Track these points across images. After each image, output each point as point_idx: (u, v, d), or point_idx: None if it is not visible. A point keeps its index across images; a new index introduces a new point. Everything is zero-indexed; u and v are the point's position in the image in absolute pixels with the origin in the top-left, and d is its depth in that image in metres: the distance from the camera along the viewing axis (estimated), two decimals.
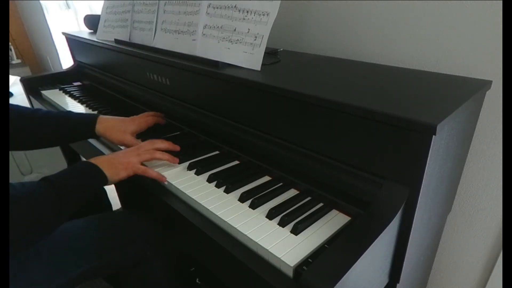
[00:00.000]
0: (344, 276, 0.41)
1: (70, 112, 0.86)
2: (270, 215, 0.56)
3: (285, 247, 0.49)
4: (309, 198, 0.61)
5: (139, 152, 0.71)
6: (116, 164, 0.66)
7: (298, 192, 0.64)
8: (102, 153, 0.84)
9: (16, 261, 0.62)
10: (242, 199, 0.61)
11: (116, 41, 1.07)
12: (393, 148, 0.50)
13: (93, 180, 0.63)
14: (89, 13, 1.66)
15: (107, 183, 0.65)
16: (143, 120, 0.85)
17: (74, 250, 0.68)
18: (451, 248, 0.92)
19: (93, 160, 0.65)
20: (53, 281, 0.64)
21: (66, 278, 0.66)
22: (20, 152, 1.72)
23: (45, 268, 0.64)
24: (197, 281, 1.08)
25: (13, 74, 2.40)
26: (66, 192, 0.58)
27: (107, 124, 0.81)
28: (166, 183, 0.68)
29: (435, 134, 0.44)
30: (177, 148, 0.76)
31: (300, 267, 0.46)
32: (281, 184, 0.66)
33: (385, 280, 0.58)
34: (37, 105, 1.30)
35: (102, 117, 0.82)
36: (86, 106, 1.12)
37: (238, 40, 0.74)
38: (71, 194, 0.58)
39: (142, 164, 0.69)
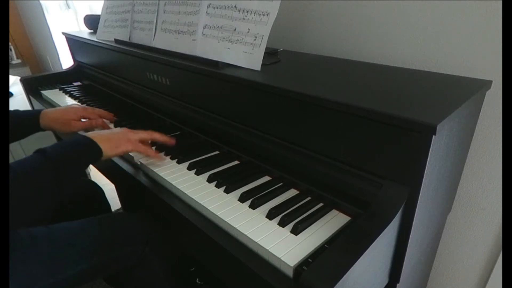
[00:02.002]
0: (344, 276, 0.41)
1: (17, 110, 0.89)
2: (270, 215, 0.56)
3: (285, 247, 0.49)
4: (309, 198, 0.61)
5: (136, 131, 0.73)
6: (114, 139, 0.68)
7: (298, 192, 0.64)
8: None
9: (16, 254, 0.62)
10: (242, 199, 0.61)
11: (116, 41, 1.07)
12: (393, 148, 0.50)
13: (87, 152, 0.64)
14: (89, 13, 1.66)
15: (102, 155, 0.66)
16: (90, 109, 0.90)
17: (74, 248, 0.68)
18: (451, 248, 0.92)
19: (89, 134, 0.66)
20: (52, 276, 0.65)
21: (65, 275, 0.66)
22: (20, 150, 1.72)
23: (45, 262, 0.65)
24: (197, 281, 1.08)
25: (13, 74, 2.40)
26: (62, 164, 0.58)
27: (49, 117, 0.85)
28: (161, 161, 0.72)
29: (435, 134, 0.44)
30: (172, 141, 0.78)
31: (300, 267, 0.46)
32: (281, 184, 0.66)
33: (385, 280, 0.58)
34: (37, 105, 1.30)
35: (45, 112, 0.86)
36: None
37: (238, 40, 0.74)
38: (66, 166, 0.59)
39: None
